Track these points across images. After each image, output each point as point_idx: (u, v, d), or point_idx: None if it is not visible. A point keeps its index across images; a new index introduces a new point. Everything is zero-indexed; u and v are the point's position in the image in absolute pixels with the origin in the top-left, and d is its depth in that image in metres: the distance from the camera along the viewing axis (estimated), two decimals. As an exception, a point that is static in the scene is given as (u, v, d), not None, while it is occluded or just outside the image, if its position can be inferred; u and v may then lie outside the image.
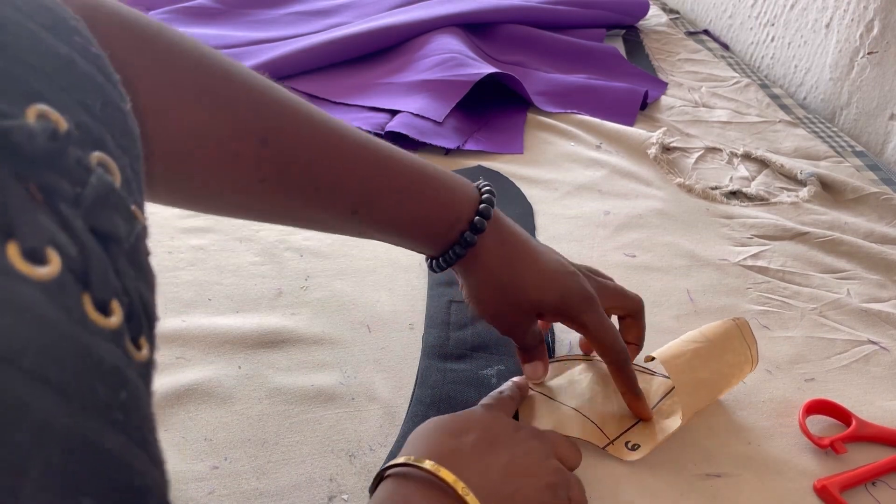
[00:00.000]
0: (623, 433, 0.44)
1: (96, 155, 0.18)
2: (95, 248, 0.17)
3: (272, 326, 0.51)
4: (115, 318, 0.17)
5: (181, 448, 0.43)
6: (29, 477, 0.13)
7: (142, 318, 0.19)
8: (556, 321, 0.46)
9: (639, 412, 0.45)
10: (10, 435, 0.13)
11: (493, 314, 0.44)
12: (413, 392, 0.48)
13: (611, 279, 0.48)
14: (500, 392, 0.44)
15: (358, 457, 0.43)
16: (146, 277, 0.20)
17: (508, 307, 0.43)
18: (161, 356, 0.48)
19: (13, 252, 0.14)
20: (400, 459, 0.34)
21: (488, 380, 0.48)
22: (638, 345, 0.48)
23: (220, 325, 0.51)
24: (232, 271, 0.57)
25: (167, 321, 0.51)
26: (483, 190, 0.43)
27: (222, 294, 0.55)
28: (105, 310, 0.17)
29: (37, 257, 0.15)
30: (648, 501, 0.42)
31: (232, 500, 0.40)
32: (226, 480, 0.41)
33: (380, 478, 0.35)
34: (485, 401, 0.42)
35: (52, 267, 0.15)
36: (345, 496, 0.41)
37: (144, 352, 0.18)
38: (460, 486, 0.33)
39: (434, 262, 0.43)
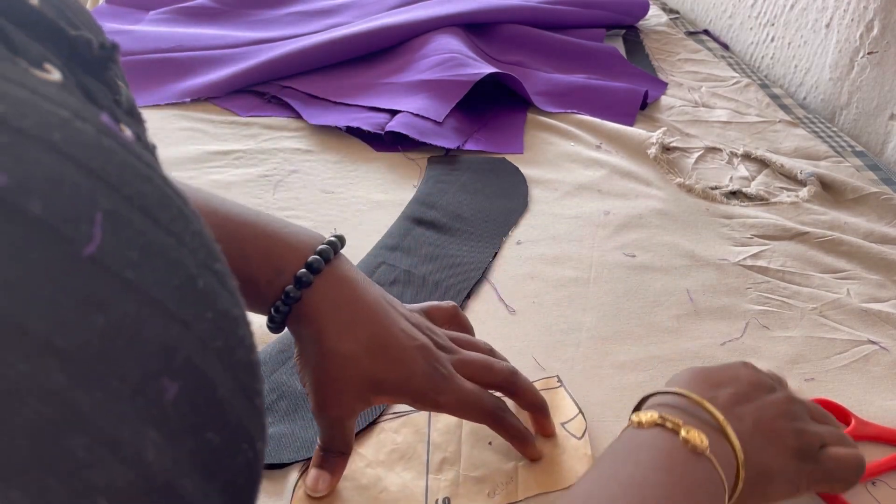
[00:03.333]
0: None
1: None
2: (144, 136, 0.21)
3: (272, 326, 0.51)
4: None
5: (181, 448, 0.42)
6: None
7: None
8: (399, 402, 0.40)
9: (530, 455, 0.42)
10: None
11: (318, 385, 0.38)
12: None
13: (484, 346, 0.43)
14: None
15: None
16: None
17: (339, 381, 0.37)
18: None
19: (105, 118, 0.17)
20: (667, 389, 0.36)
21: None
22: (536, 411, 0.43)
23: (220, 325, 0.51)
24: (232, 271, 0.57)
25: (167, 321, 0.51)
26: (325, 241, 0.39)
27: (222, 294, 0.55)
28: None
29: (117, 124, 0.18)
30: (648, 501, 0.42)
31: (232, 500, 0.40)
32: (225, 480, 0.41)
33: (643, 402, 0.36)
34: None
35: (128, 133, 0.18)
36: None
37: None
38: (720, 418, 0.34)
39: (267, 320, 0.38)
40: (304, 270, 0.37)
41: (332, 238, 0.39)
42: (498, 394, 0.41)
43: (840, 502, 0.42)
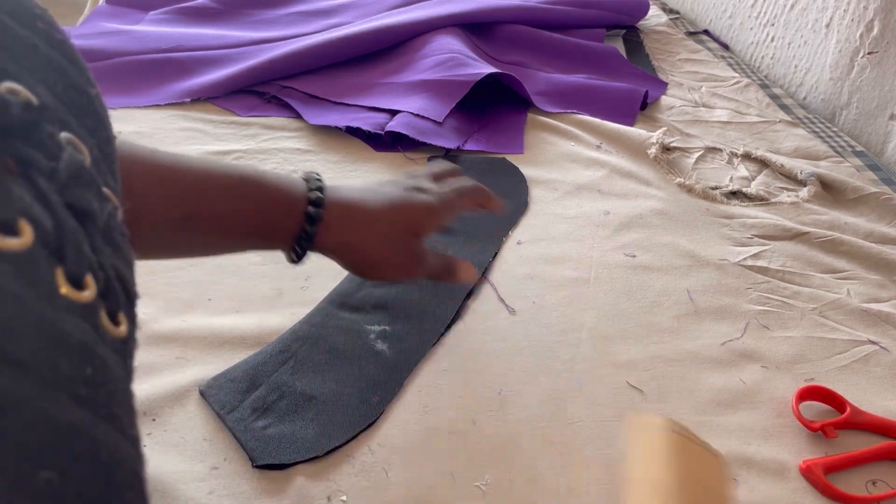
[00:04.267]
0: None
1: (64, 135, 0.19)
2: (71, 221, 0.17)
3: (272, 326, 0.51)
4: (89, 293, 0.17)
5: (181, 448, 0.43)
6: None
7: (119, 294, 0.19)
8: None
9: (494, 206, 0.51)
10: None
11: (382, 259, 0.45)
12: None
13: (453, 171, 0.52)
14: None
15: (356, 457, 0.43)
16: (123, 255, 0.20)
17: (390, 243, 0.45)
18: (161, 356, 0.48)
19: None
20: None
21: (367, 335, 0.51)
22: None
23: (220, 325, 0.51)
24: (232, 271, 0.57)
25: (167, 321, 0.51)
26: (313, 175, 0.45)
27: (222, 294, 0.55)
28: (78, 283, 0.17)
29: (9, 228, 0.15)
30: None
31: (232, 500, 0.40)
32: (226, 481, 0.41)
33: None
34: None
35: (24, 239, 0.15)
36: (343, 497, 0.41)
37: (122, 328, 0.19)
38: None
39: (292, 251, 0.43)
40: (316, 194, 0.42)
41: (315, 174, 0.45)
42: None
43: (842, 497, 0.42)
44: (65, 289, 0.16)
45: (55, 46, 0.20)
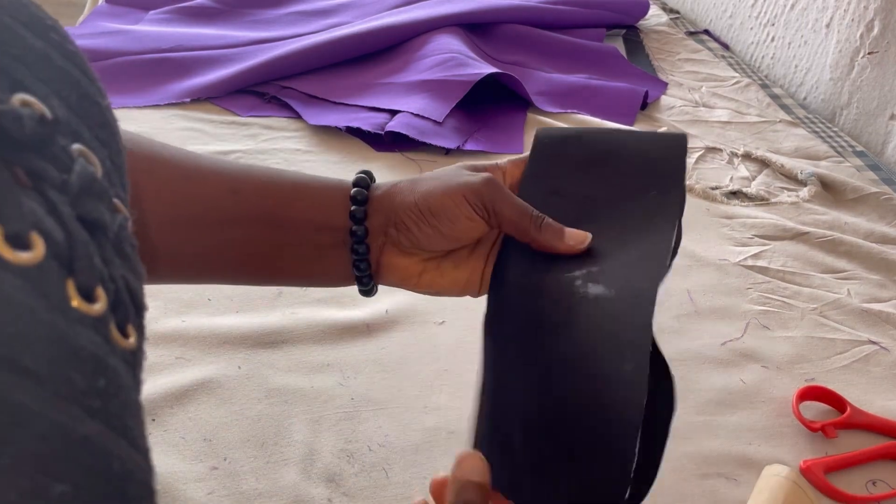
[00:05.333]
0: None
1: (76, 147, 0.19)
2: (82, 234, 0.17)
3: (272, 326, 0.51)
4: (100, 305, 0.17)
5: (181, 448, 0.42)
6: None
7: (128, 306, 0.19)
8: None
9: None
10: None
11: (445, 192, 0.38)
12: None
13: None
14: None
15: (357, 457, 0.43)
16: (133, 267, 0.20)
17: (444, 178, 0.39)
18: (161, 356, 0.49)
19: None
20: None
21: (571, 283, 0.35)
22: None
23: (220, 325, 0.51)
24: (232, 271, 0.57)
25: (167, 321, 0.51)
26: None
27: (222, 294, 0.55)
28: (89, 296, 0.17)
29: (20, 242, 0.15)
30: (648, 501, 0.42)
31: (232, 500, 0.40)
32: (225, 480, 0.41)
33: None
34: None
35: (36, 252, 0.15)
36: (343, 496, 0.41)
37: (132, 339, 0.19)
38: None
39: (351, 251, 0.38)
40: (359, 175, 0.40)
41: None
42: None
43: (842, 497, 0.42)
44: (76, 301, 0.16)
45: (68, 57, 0.21)
